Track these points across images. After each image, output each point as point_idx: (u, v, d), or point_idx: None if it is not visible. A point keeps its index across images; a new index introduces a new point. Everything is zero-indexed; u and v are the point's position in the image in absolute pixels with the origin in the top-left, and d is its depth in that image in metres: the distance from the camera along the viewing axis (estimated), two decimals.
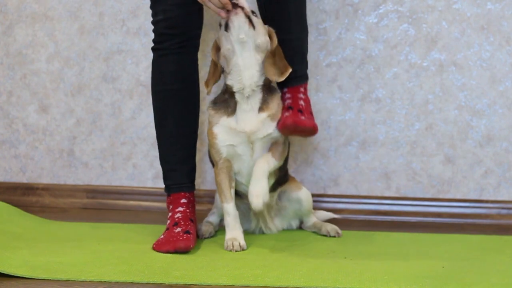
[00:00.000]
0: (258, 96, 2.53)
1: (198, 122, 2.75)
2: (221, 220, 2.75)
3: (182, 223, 2.56)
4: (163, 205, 3.27)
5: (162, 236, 2.53)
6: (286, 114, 2.58)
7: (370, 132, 3.25)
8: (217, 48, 2.56)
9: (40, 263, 2.24)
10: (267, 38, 2.52)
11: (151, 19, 2.66)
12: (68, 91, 3.33)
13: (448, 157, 3.24)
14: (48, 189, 3.34)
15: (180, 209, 2.62)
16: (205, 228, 2.71)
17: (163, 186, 2.73)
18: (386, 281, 2.15)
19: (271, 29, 2.57)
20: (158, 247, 2.47)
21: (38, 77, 3.33)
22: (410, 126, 3.24)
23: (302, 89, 2.68)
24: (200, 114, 3.29)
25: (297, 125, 2.53)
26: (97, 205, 3.32)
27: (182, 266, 2.28)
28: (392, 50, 3.22)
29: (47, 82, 3.33)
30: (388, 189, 3.26)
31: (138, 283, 2.09)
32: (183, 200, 2.65)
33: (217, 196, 2.76)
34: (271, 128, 2.55)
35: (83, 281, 2.10)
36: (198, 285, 2.08)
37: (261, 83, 2.52)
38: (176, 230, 2.52)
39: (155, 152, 3.31)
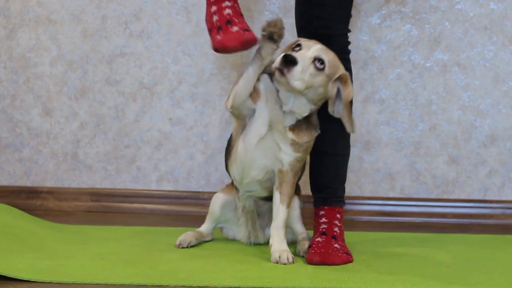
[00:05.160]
0: (292, 120, 2.40)
1: None
2: (214, 228, 2.70)
3: (236, 20, 2.42)
4: (168, 207, 3.27)
5: (220, 36, 2.39)
6: (318, 239, 2.46)
7: (374, 133, 3.25)
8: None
9: (45, 266, 2.24)
10: (324, 90, 2.36)
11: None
12: (72, 94, 3.33)
13: (452, 157, 3.23)
14: (52, 192, 3.34)
15: (228, 3, 2.45)
16: (183, 238, 2.60)
17: (167, 185, 2.70)
18: (392, 281, 2.15)
19: (346, 75, 2.40)
20: (223, 43, 2.36)
21: (42, 80, 3.33)
22: (413, 126, 3.24)
23: (338, 215, 2.56)
24: (207, 116, 3.30)
25: (325, 263, 2.37)
26: (102, 208, 3.32)
27: (187, 268, 2.28)
28: (395, 51, 3.22)
29: (51, 85, 3.33)
30: (392, 190, 3.26)
31: (144, 285, 2.09)
32: None
33: (212, 201, 2.70)
34: (288, 152, 2.41)
35: (88, 284, 2.10)
36: (204, 286, 2.08)
37: (299, 117, 2.39)
38: (234, 30, 2.38)
39: (159, 155, 3.31)
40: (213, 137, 3.29)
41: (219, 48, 2.40)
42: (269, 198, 2.54)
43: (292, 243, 2.56)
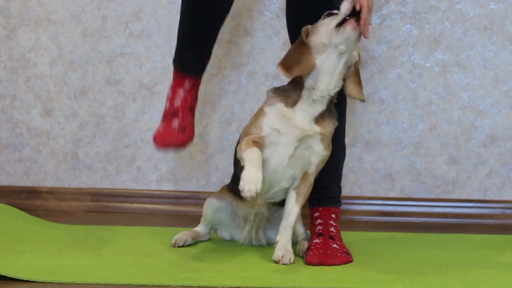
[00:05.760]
0: (321, 106, 2.38)
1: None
2: (210, 229, 2.70)
3: (181, 114, 2.51)
4: (168, 207, 3.27)
5: (161, 128, 2.54)
6: (316, 240, 2.46)
7: (374, 133, 3.25)
8: (307, 34, 2.38)
9: (44, 266, 2.24)
10: (357, 55, 2.40)
11: None
12: (72, 94, 3.33)
13: (452, 157, 3.23)
14: (52, 192, 3.34)
15: (181, 94, 2.53)
16: (179, 237, 2.60)
17: (167, 185, 2.69)
18: (392, 281, 2.15)
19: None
20: (155, 139, 2.53)
21: (42, 80, 3.33)
22: (413, 126, 3.24)
23: (333, 215, 2.55)
24: (207, 116, 3.30)
25: (325, 264, 2.36)
26: (102, 208, 3.32)
27: (188, 268, 2.28)
28: (395, 51, 3.22)
29: (51, 85, 3.33)
30: (392, 190, 3.26)
31: (144, 285, 2.09)
32: (187, 85, 2.54)
33: (204, 206, 2.69)
34: (319, 151, 2.40)
35: (88, 284, 2.10)
36: (204, 286, 2.08)
37: (332, 94, 2.38)
38: (174, 125, 2.50)
39: (159, 155, 3.31)
40: (213, 137, 3.29)
41: (153, 140, 2.55)
42: (281, 202, 2.52)
43: (293, 243, 2.55)
